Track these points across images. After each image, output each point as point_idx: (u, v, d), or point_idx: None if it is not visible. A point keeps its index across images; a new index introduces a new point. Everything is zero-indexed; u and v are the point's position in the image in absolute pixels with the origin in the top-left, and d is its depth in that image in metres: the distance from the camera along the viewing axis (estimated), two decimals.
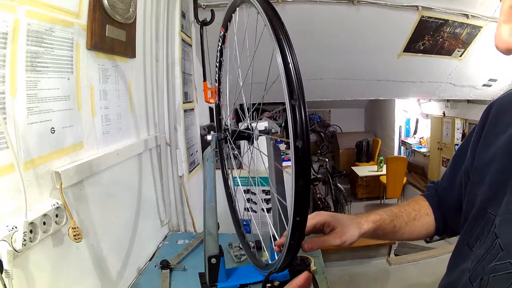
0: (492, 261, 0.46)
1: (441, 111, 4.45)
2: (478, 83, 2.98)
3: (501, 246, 0.46)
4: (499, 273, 0.44)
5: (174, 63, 1.44)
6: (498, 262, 0.45)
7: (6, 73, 0.60)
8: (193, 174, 1.67)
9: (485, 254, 0.49)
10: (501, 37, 0.29)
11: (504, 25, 0.29)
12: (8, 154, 0.57)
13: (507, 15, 0.29)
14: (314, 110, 6.88)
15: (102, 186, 0.93)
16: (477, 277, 0.49)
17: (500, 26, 0.29)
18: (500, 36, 0.29)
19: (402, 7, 2.20)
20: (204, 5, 1.93)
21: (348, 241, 0.64)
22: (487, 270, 0.47)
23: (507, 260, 0.44)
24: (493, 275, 0.45)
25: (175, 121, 1.44)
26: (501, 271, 0.44)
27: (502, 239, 0.46)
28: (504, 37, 0.29)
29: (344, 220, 0.66)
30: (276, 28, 0.43)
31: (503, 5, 0.30)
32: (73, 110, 0.80)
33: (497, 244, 0.47)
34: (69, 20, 0.77)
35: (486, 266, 0.47)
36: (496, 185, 0.51)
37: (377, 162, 5.41)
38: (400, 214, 0.71)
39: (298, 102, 0.39)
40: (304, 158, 0.40)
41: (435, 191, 0.75)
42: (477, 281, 0.48)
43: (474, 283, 0.49)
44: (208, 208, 0.88)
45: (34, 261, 0.64)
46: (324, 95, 3.34)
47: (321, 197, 4.22)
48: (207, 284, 0.92)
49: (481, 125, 0.60)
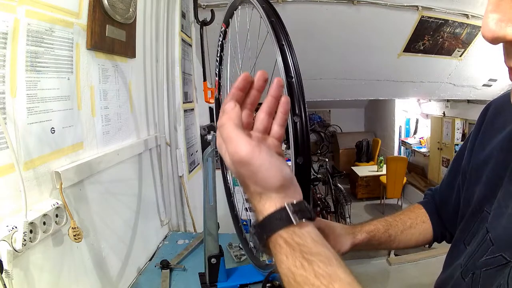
0: (483, 256, 0.46)
1: (441, 111, 4.45)
2: (478, 83, 2.99)
3: (492, 240, 0.46)
4: (491, 267, 0.45)
5: (174, 63, 1.45)
6: (489, 256, 0.45)
7: (6, 73, 0.60)
8: (193, 174, 1.67)
9: (476, 249, 0.49)
10: (487, 26, 0.29)
11: (491, 14, 0.29)
12: (8, 154, 0.57)
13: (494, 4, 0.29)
14: (314, 110, 6.88)
15: (102, 186, 0.93)
16: (468, 272, 0.49)
17: (486, 15, 0.29)
18: (486, 25, 0.29)
19: (402, 7, 2.21)
20: (204, 5, 1.93)
21: (340, 251, 0.64)
22: (478, 265, 0.47)
23: (498, 253, 0.44)
24: (485, 269, 0.45)
25: (175, 121, 1.44)
26: (492, 265, 0.44)
27: (492, 233, 0.47)
28: (491, 26, 0.29)
29: (337, 228, 0.67)
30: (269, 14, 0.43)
31: None
32: (73, 110, 0.80)
33: (487, 238, 0.47)
34: (69, 20, 0.77)
35: (477, 261, 0.48)
36: (492, 183, 0.51)
37: (377, 162, 5.42)
38: (395, 223, 0.71)
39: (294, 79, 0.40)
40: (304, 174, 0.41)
41: (432, 198, 0.75)
42: (468, 276, 0.48)
43: (466, 278, 0.49)
44: (208, 208, 0.88)
45: (34, 261, 0.64)
46: (324, 95, 3.35)
47: (321, 197, 4.21)
48: (207, 284, 0.93)
49: (479, 125, 0.61)
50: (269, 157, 0.37)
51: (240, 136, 0.37)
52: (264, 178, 0.37)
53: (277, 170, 0.37)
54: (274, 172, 0.37)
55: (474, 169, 0.58)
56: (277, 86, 0.41)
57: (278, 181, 0.37)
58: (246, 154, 0.36)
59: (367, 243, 0.68)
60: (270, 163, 0.37)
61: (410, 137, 5.65)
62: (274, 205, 0.37)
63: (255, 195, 0.39)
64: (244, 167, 0.37)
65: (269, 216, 0.37)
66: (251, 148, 0.36)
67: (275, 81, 0.41)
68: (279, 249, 0.36)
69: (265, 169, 0.36)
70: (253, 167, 0.36)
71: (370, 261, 2.81)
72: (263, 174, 0.37)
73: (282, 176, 0.37)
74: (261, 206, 0.38)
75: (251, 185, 0.38)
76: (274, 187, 0.37)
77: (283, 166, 0.38)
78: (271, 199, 0.38)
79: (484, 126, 0.59)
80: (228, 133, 0.37)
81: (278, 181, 0.37)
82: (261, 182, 0.37)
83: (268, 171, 0.37)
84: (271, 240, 0.37)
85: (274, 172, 0.37)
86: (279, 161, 0.38)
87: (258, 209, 0.39)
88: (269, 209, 0.37)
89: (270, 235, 0.37)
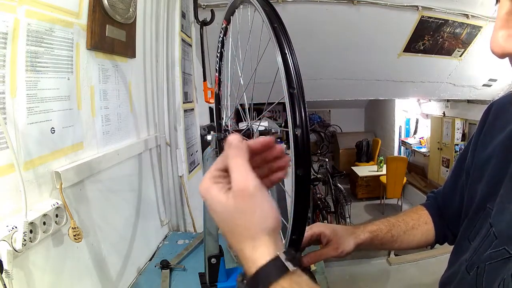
0: (487, 250, 0.48)
1: (441, 111, 4.45)
2: (478, 83, 2.98)
3: (495, 234, 0.47)
4: (495, 260, 0.46)
5: (174, 63, 1.45)
6: (493, 250, 0.47)
7: (6, 73, 0.60)
8: (193, 174, 1.67)
9: (480, 243, 0.50)
10: (497, 42, 0.30)
11: (500, 30, 0.30)
12: (8, 154, 0.58)
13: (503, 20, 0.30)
14: (314, 110, 6.88)
15: (102, 186, 0.93)
16: (473, 266, 0.50)
17: (496, 31, 0.31)
18: (496, 41, 0.30)
19: (402, 7, 2.21)
20: (204, 5, 1.93)
21: (345, 251, 0.65)
22: (482, 259, 0.48)
23: (502, 247, 0.45)
24: (489, 263, 0.47)
25: (175, 121, 1.44)
26: (496, 258, 0.46)
27: (496, 227, 0.48)
28: (500, 42, 0.30)
29: (340, 230, 0.67)
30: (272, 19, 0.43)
31: (500, 11, 0.32)
32: (73, 110, 0.80)
33: (491, 233, 0.48)
34: (69, 20, 0.77)
35: (481, 255, 0.49)
36: (494, 180, 0.53)
37: (377, 162, 5.41)
38: (397, 224, 0.71)
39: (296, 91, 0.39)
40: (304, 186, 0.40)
41: (434, 200, 0.76)
42: (473, 270, 0.50)
43: (471, 272, 0.50)
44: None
45: (34, 261, 0.64)
46: (324, 95, 3.34)
47: (321, 197, 4.22)
48: (207, 284, 0.92)
49: (481, 125, 0.62)
50: (267, 197, 0.37)
51: (250, 169, 0.37)
52: (262, 215, 0.36)
53: (273, 209, 0.37)
54: (271, 211, 0.37)
55: (476, 167, 0.59)
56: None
57: (274, 221, 0.37)
58: (252, 186, 0.35)
59: (369, 243, 0.69)
60: (269, 202, 0.37)
61: (410, 137, 5.65)
62: (267, 253, 0.36)
63: (247, 242, 0.37)
64: (246, 199, 0.36)
65: (265, 266, 0.35)
66: (257, 182, 0.36)
67: (283, 162, 0.43)
68: None
69: (266, 206, 0.36)
70: (255, 201, 0.36)
71: (370, 261, 2.81)
72: (262, 211, 0.36)
73: (277, 217, 0.37)
74: (253, 254, 0.36)
75: (244, 225, 0.36)
76: (270, 228, 0.36)
77: (276, 208, 0.38)
78: (264, 246, 0.36)
79: (486, 126, 0.60)
80: (240, 163, 0.37)
81: (274, 220, 0.37)
82: (258, 221, 0.36)
83: (268, 209, 0.36)
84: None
85: (271, 211, 0.37)
86: (273, 203, 0.38)
87: (249, 258, 0.36)
88: (262, 257, 0.35)
89: (268, 285, 0.35)
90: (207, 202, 0.39)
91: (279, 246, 0.37)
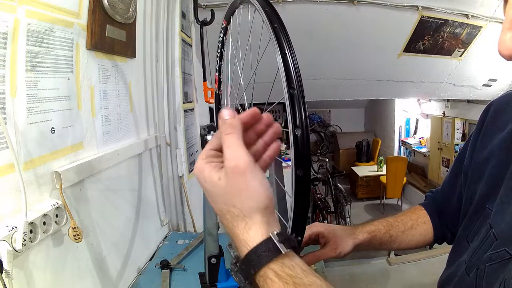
0: (487, 251, 0.47)
1: (441, 111, 4.45)
2: (478, 83, 2.98)
3: (495, 236, 0.47)
4: (495, 262, 0.45)
5: (174, 63, 1.45)
6: (493, 251, 0.46)
7: (6, 73, 0.60)
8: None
9: (479, 245, 0.50)
10: (504, 44, 0.30)
11: (509, 32, 0.30)
12: (8, 154, 0.57)
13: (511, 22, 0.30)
14: (314, 110, 6.88)
15: (102, 186, 0.93)
16: (472, 268, 0.49)
17: (504, 33, 0.30)
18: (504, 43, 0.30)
19: (402, 7, 2.21)
20: (204, 5, 1.93)
21: (343, 252, 0.65)
22: (482, 260, 0.48)
23: (502, 248, 0.45)
24: (489, 264, 0.46)
25: (175, 121, 1.44)
26: (497, 260, 0.45)
27: (495, 228, 0.47)
28: (508, 44, 0.30)
29: (338, 231, 0.67)
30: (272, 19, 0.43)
31: (508, 12, 0.31)
32: (73, 110, 0.80)
33: (491, 234, 0.48)
34: (69, 20, 0.77)
35: (481, 256, 0.48)
36: (493, 181, 0.52)
37: (377, 162, 5.41)
38: (396, 224, 0.71)
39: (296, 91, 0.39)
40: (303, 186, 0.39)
41: (433, 199, 0.76)
42: (473, 272, 0.49)
43: (470, 274, 0.50)
44: (208, 208, 0.88)
45: (34, 261, 0.64)
46: (324, 95, 3.35)
47: (321, 197, 4.22)
48: (207, 284, 0.92)
49: (480, 125, 0.61)
50: (261, 174, 0.36)
51: (243, 146, 0.36)
52: (255, 193, 0.35)
53: (266, 188, 0.36)
54: (264, 189, 0.36)
55: (475, 168, 0.59)
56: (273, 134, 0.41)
57: (267, 199, 0.35)
58: (244, 163, 0.35)
59: (368, 243, 0.69)
60: (261, 180, 0.36)
61: (410, 137, 5.65)
62: (260, 234, 0.35)
63: (239, 221, 0.35)
64: (238, 177, 0.35)
65: (256, 248, 0.34)
66: (249, 159, 0.35)
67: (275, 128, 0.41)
68: (271, 283, 0.34)
69: (258, 183, 0.35)
70: (247, 178, 0.35)
71: (370, 261, 2.81)
72: (254, 188, 0.35)
73: (270, 195, 0.36)
74: (246, 234, 0.35)
75: (236, 204, 0.35)
76: (262, 207, 0.35)
77: (269, 187, 0.37)
78: (256, 225, 0.35)
79: (485, 126, 0.60)
80: (233, 141, 0.36)
81: (266, 199, 0.35)
82: (251, 198, 0.35)
83: (259, 187, 0.35)
84: (260, 274, 0.34)
85: (264, 189, 0.36)
86: (266, 181, 0.37)
87: (241, 238, 0.35)
88: (254, 238, 0.35)
89: (259, 269, 0.34)
90: (200, 182, 0.38)
91: (273, 226, 0.36)
